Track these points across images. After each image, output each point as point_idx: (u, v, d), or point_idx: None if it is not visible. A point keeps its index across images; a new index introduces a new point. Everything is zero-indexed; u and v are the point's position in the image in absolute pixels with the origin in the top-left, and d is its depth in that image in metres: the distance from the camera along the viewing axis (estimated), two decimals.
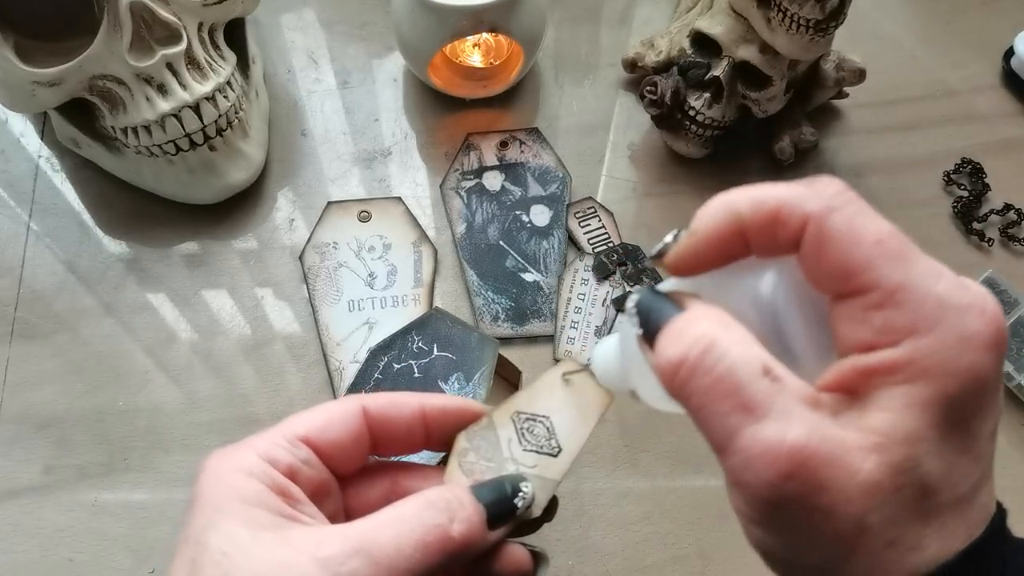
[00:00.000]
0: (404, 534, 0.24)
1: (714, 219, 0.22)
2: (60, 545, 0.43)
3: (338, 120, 0.56)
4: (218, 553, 0.23)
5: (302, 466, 0.26)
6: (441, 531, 0.24)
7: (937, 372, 0.19)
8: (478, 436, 0.29)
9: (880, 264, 0.19)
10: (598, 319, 0.49)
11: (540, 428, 0.30)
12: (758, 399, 0.19)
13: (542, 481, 0.28)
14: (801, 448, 0.18)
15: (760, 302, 0.22)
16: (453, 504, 0.25)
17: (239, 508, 0.24)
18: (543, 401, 0.30)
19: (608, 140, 0.56)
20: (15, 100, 0.47)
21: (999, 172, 0.55)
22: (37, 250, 0.51)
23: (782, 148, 0.54)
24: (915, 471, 0.19)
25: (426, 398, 0.29)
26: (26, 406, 0.47)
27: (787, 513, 0.19)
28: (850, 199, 0.20)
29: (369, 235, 0.51)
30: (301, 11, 0.60)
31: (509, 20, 0.49)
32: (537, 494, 0.28)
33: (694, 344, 0.20)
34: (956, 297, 0.19)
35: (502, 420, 0.30)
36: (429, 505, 0.25)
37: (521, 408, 0.30)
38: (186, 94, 0.46)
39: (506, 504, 0.27)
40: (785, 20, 0.45)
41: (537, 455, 0.29)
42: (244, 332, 0.49)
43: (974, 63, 0.60)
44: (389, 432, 0.28)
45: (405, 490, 0.29)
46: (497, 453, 0.29)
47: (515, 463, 0.29)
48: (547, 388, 0.30)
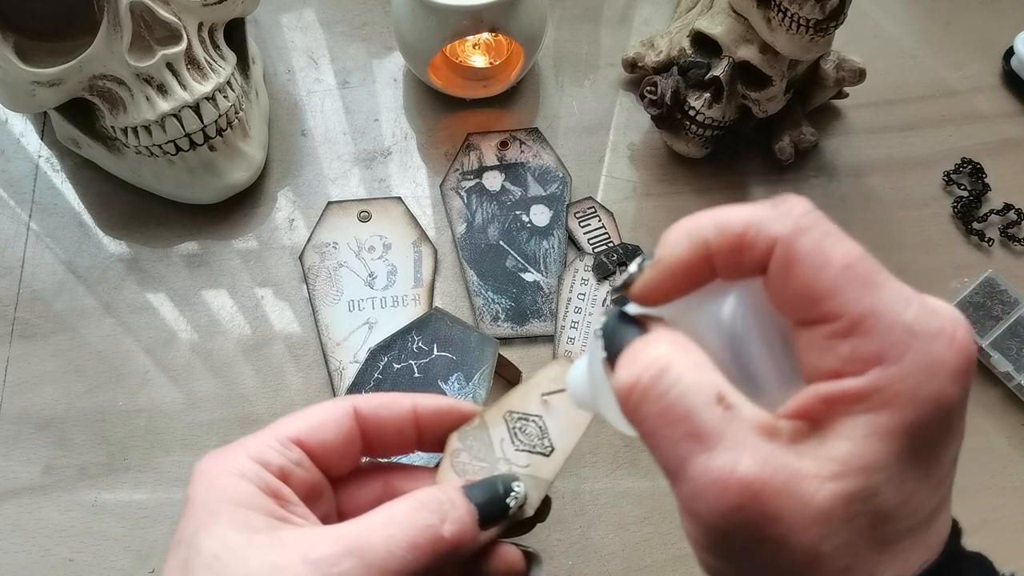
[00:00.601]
0: (395, 535, 0.24)
1: (679, 246, 0.21)
2: (60, 545, 0.43)
3: (338, 120, 0.56)
4: (210, 556, 0.23)
5: (294, 468, 0.26)
6: (432, 531, 0.24)
7: (901, 401, 0.18)
8: (471, 436, 0.29)
9: (847, 290, 0.19)
10: (598, 319, 0.49)
11: (533, 428, 0.29)
12: (709, 427, 0.19)
13: (535, 481, 0.28)
14: (752, 480, 0.18)
15: (722, 327, 0.21)
16: (445, 505, 0.26)
17: (231, 510, 0.24)
18: (535, 401, 0.30)
19: (608, 140, 0.56)
20: (15, 100, 0.47)
21: (999, 172, 0.55)
22: (37, 250, 0.51)
23: (782, 148, 0.54)
24: (871, 500, 0.18)
25: (418, 398, 0.29)
26: (26, 406, 0.47)
27: (738, 542, 0.19)
28: (818, 220, 0.20)
29: (369, 235, 0.51)
30: (301, 11, 0.60)
31: (509, 20, 0.49)
32: (530, 494, 0.28)
33: (647, 368, 0.20)
34: (924, 324, 0.19)
35: (495, 420, 0.29)
36: (421, 506, 0.25)
37: (514, 408, 0.30)
38: (186, 94, 0.46)
39: (498, 504, 0.27)
40: (785, 20, 0.45)
41: (530, 455, 0.29)
42: (244, 332, 0.49)
43: (974, 63, 0.60)
44: (381, 433, 0.28)
45: (397, 491, 0.29)
46: (490, 453, 0.29)
47: (508, 463, 0.29)
48: (541, 387, 0.30)
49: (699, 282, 0.22)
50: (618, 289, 0.23)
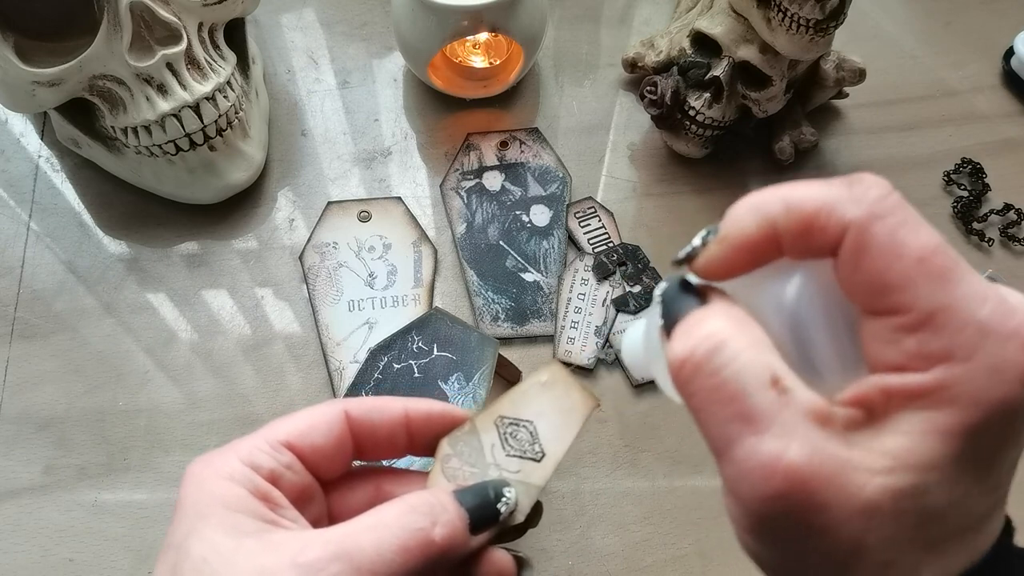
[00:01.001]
0: (385, 539, 0.24)
1: (746, 223, 0.20)
2: (60, 545, 0.43)
3: (338, 120, 0.56)
4: (199, 560, 0.23)
5: (284, 471, 0.26)
6: (423, 535, 0.24)
7: (965, 402, 0.18)
8: (461, 441, 0.29)
9: (920, 284, 0.18)
10: (598, 319, 0.49)
11: (523, 433, 0.29)
12: (760, 410, 0.18)
13: (525, 487, 0.28)
14: (799, 468, 0.18)
15: (784, 306, 0.21)
16: (435, 508, 0.25)
17: (221, 514, 0.24)
18: (527, 406, 0.30)
19: (608, 140, 0.56)
20: (15, 100, 0.47)
21: (999, 172, 0.55)
22: (37, 250, 0.51)
23: (782, 148, 0.54)
24: (921, 498, 0.18)
25: (410, 403, 0.29)
26: (26, 406, 0.47)
27: (781, 529, 0.19)
28: (895, 205, 0.19)
29: (369, 235, 0.51)
30: (301, 11, 0.60)
31: (509, 20, 0.49)
32: (520, 499, 0.28)
33: (703, 341, 0.19)
34: (999, 323, 0.18)
35: (485, 425, 0.29)
36: (411, 509, 0.25)
37: (504, 413, 0.29)
38: (186, 94, 0.46)
39: (489, 509, 0.27)
40: (785, 20, 0.45)
41: (520, 460, 0.29)
42: (244, 332, 0.49)
43: (974, 63, 0.60)
44: (372, 437, 0.28)
45: (389, 495, 0.29)
46: (480, 458, 0.29)
47: (498, 468, 0.29)
48: (532, 392, 0.30)
49: (765, 260, 0.21)
50: (680, 261, 0.22)
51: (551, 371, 0.30)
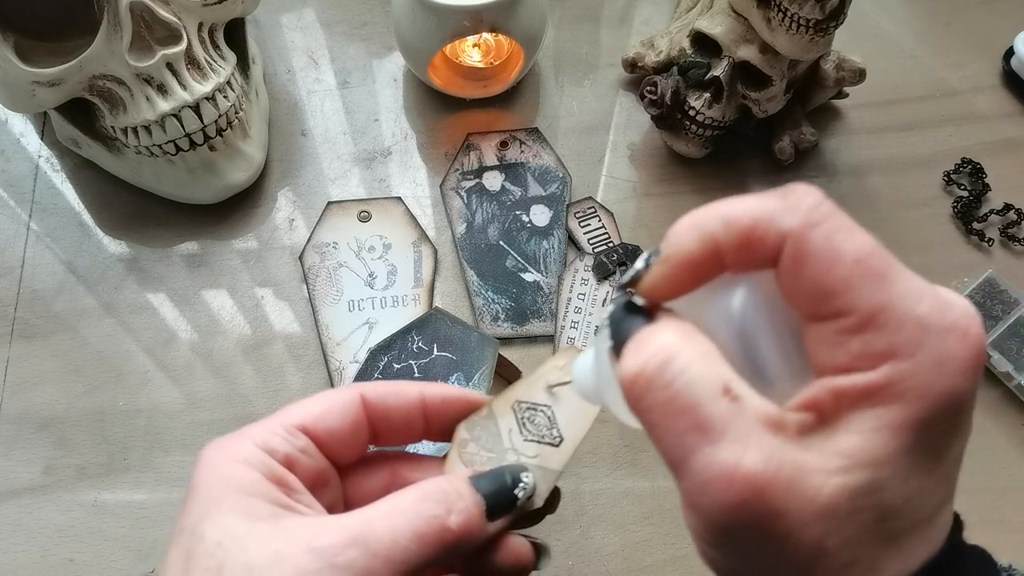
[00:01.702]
0: (400, 525, 0.24)
1: (687, 242, 0.21)
2: (60, 545, 0.43)
3: (338, 120, 0.56)
4: (213, 544, 0.23)
5: (300, 455, 0.26)
6: (438, 522, 0.24)
7: (912, 396, 0.18)
8: (478, 426, 0.29)
9: (859, 285, 0.18)
10: (598, 319, 0.49)
11: (541, 417, 0.29)
12: (714, 419, 0.18)
13: (543, 471, 0.28)
14: (757, 475, 0.18)
15: (731, 319, 0.21)
16: (451, 495, 0.25)
17: (235, 498, 0.23)
18: (544, 391, 0.29)
19: (608, 140, 0.56)
20: (15, 100, 0.47)
21: (999, 172, 0.55)
22: (37, 250, 0.51)
23: (782, 148, 0.54)
24: (877, 494, 0.18)
25: (426, 387, 0.29)
26: (26, 406, 0.47)
27: (741, 537, 0.19)
28: (829, 212, 0.19)
29: (369, 235, 0.51)
30: (301, 11, 0.60)
31: (509, 20, 0.49)
32: (538, 484, 0.27)
33: (653, 356, 0.20)
34: (938, 319, 0.18)
35: (503, 410, 0.29)
36: (426, 496, 0.25)
37: (522, 397, 0.29)
38: (186, 94, 0.46)
39: (506, 495, 0.26)
40: (785, 20, 0.45)
41: (538, 445, 0.28)
42: (244, 332, 0.49)
43: (974, 63, 0.60)
44: (388, 421, 0.28)
45: (405, 480, 0.29)
46: (498, 443, 0.28)
47: (516, 453, 0.28)
48: (549, 377, 0.30)
49: (708, 277, 0.21)
50: (624, 286, 0.22)
51: (568, 356, 0.29)
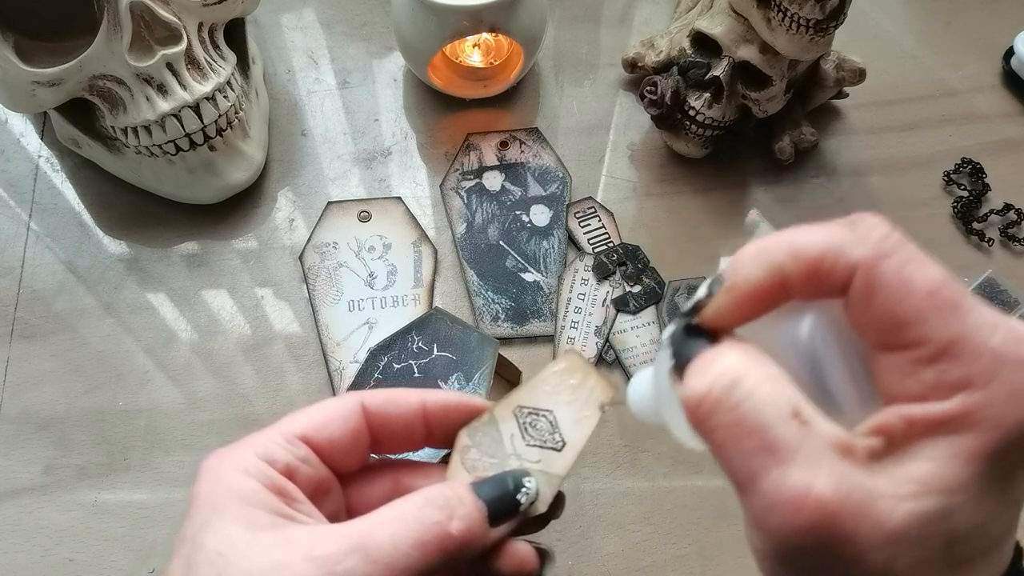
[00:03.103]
0: (402, 532, 0.24)
1: (753, 272, 0.21)
2: (60, 545, 0.43)
3: (338, 120, 0.56)
4: (213, 553, 0.23)
5: (300, 465, 0.26)
6: (439, 529, 0.24)
7: (987, 426, 0.18)
8: (480, 432, 0.29)
9: (932, 317, 0.19)
10: (598, 319, 0.49)
11: (543, 422, 0.29)
12: (783, 442, 0.18)
13: (546, 476, 0.28)
14: (828, 499, 0.18)
15: (799, 345, 0.21)
16: (452, 501, 0.25)
17: (236, 508, 0.24)
18: (546, 396, 0.29)
19: (608, 140, 0.56)
20: (15, 100, 0.47)
21: (999, 172, 0.55)
22: (37, 250, 0.51)
23: (782, 148, 0.54)
24: (947, 520, 0.18)
25: (427, 394, 0.29)
26: (26, 406, 0.47)
27: (810, 560, 0.19)
28: (899, 243, 0.19)
29: (369, 235, 0.51)
30: (301, 11, 0.60)
31: (509, 20, 0.49)
32: (542, 489, 0.27)
33: (719, 377, 0.20)
34: (1012, 350, 0.19)
35: (504, 415, 0.29)
36: (428, 503, 0.25)
37: (523, 402, 0.29)
38: (186, 94, 0.46)
39: (508, 500, 0.26)
40: (785, 20, 0.45)
41: (541, 450, 0.28)
42: (244, 332, 0.49)
43: (974, 63, 0.60)
44: (389, 429, 0.28)
45: (407, 488, 0.29)
46: (500, 449, 0.28)
47: (518, 458, 0.28)
48: (550, 381, 0.30)
49: (773, 306, 0.21)
50: (687, 314, 0.22)
51: (568, 359, 0.29)
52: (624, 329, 0.49)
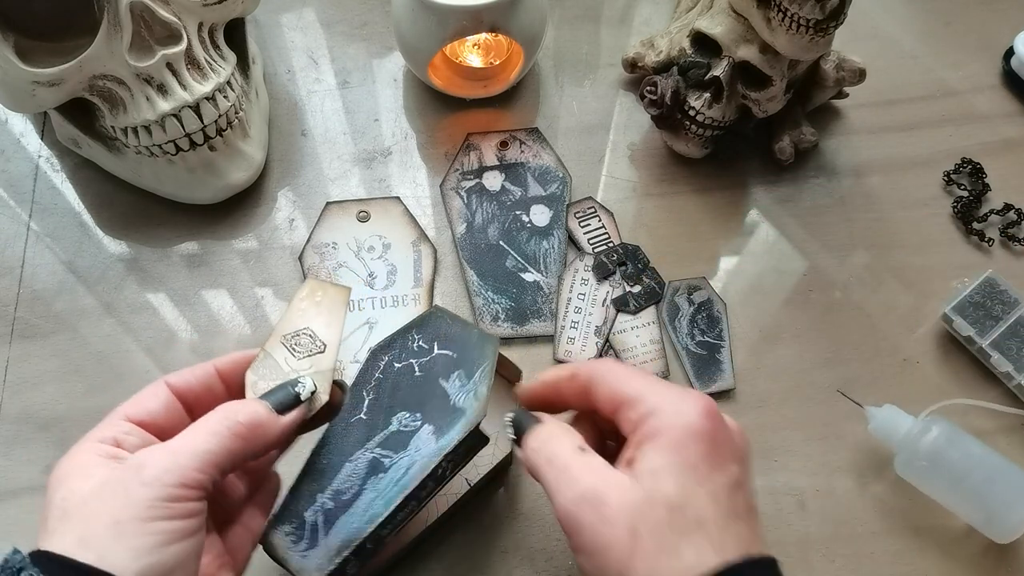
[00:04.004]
0: (197, 430, 0.31)
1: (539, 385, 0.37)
2: None
3: (338, 120, 0.56)
4: (59, 499, 0.29)
5: (125, 437, 0.32)
6: (229, 420, 0.31)
7: (665, 429, 0.31)
8: (260, 366, 0.35)
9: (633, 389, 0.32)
10: (598, 319, 0.49)
11: (304, 339, 0.36)
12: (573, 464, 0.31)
13: (320, 374, 0.35)
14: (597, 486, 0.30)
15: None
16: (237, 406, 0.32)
17: (76, 471, 0.30)
18: (300, 318, 0.37)
19: (608, 140, 0.56)
20: (15, 100, 0.47)
21: (999, 172, 0.55)
22: (37, 250, 0.51)
23: (782, 148, 0.54)
24: (662, 491, 0.29)
25: (217, 360, 0.35)
26: (26, 406, 0.47)
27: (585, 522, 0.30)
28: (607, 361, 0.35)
29: (368, 235, 0.51)
30: (301, 11, 0.60)
31: (509, 20, 0.49)
32: (319, 384, 0.35)
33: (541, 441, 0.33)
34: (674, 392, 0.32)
35: (274, 347, 0.36)
36: (220, 411, 0.32)
37: (285, 331, 0.36)
38: (186, 94, 0.46)
39: (286, 394, 0.34)
40: (785, 20, 0.45)
41: (310, 358, 0.36)
42: (244, 332, 0.49)
43: (974, 63, 0.60)
44: (194, 393, 0.34)
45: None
46: (279, 372, 0.35)
47: (295, 372, 0.35)
48: (299, 307, 0.37)
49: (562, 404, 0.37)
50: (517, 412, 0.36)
51: (308, 285, 0.38)
52: (624, 329, 0.49)
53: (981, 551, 0.44)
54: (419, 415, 0.36)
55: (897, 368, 0.49)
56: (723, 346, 0.49)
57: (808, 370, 0.49)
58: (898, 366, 0.49)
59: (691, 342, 0.49)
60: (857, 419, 0.46)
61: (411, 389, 0.36)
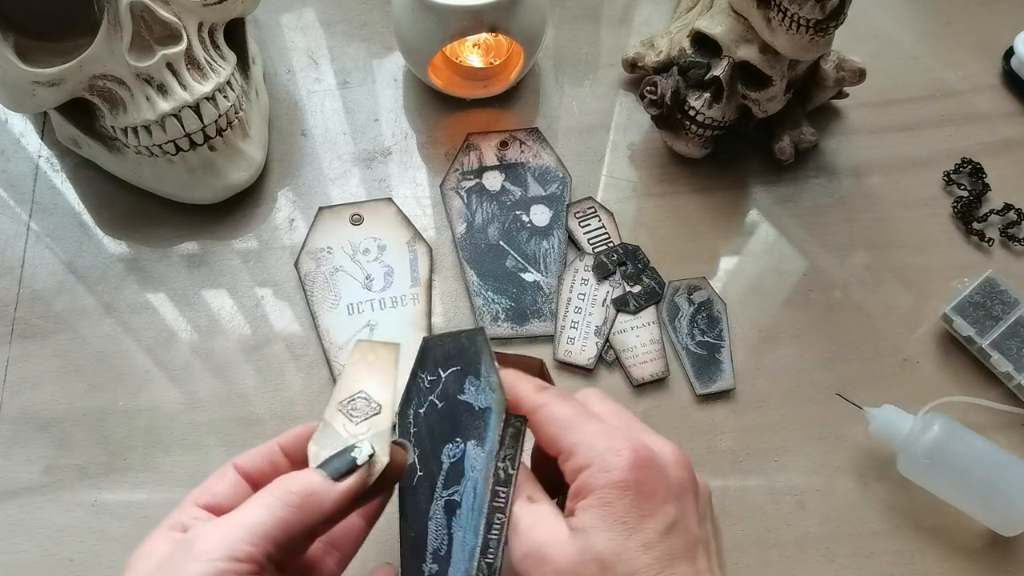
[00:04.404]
0: (251, 503, 0.31)
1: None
2: (60, 545, 0.43)
3: (338, 120, 0.56)
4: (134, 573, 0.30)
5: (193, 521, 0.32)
6: (281, 490, 0.31)
7: (594, 487, 0.31)
8: (321, 436, 0.34)
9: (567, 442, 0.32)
10: (598, 319, 0.49)
11: (360, 402, 0.36)
12: (522, 512, 0.33)
13: (379, 435, 0.34)
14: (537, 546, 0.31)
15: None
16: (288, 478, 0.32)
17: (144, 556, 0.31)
18: (353, 382, 0.36)
19: (608, 140, 0.56)
20: (15, 100, 0.47)
21: (999, 172, 0.55)
22: (37, 250, 0.51)
23: (782, 148, 0.54)
24: (593, 549, 0.30)
25: (280, 437, 0.36)
26: (26, 406, 0.47)
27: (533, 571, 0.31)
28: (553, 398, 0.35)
29: (363, 238, 0.51)
30: (301, 11, 0.60)
31: (509, 20, 0.49)
32: (377, 447, 0.34)
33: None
34: (602, 443, 0.32)
35: (332, 415, 0.35)
36: (277, 482, 0.32)
37: (340, 397, 0.35)
38: (186, 94, 0.46)
39: (344, 460, 0.33)
40: (785, 20, 0.45)
41: (366, 421, 0.35)
42: (244, 332, 0.49)
43: (974, 63, 0.60)
44: (260, 472, 0.34)
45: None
46: (339, 440, 0.34)
47: (354, 438, 0.34)
48: (351, 371, 0.36)
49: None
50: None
51: (358, 349, 0.37)
52: (624, 329, 0.49)
53: (981, 551, 0.44)
54: (458, 439, 0.36)
55: (897, 368, 0.49)
56: (723, 346, 0.49)
57: (808, 370, 0.49)
58: (898, 366, 0.49)
59: (691, 342, 0.49)
60: (857, 419, 0.46)
61: (442, 423, 0.37)
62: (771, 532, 0.45)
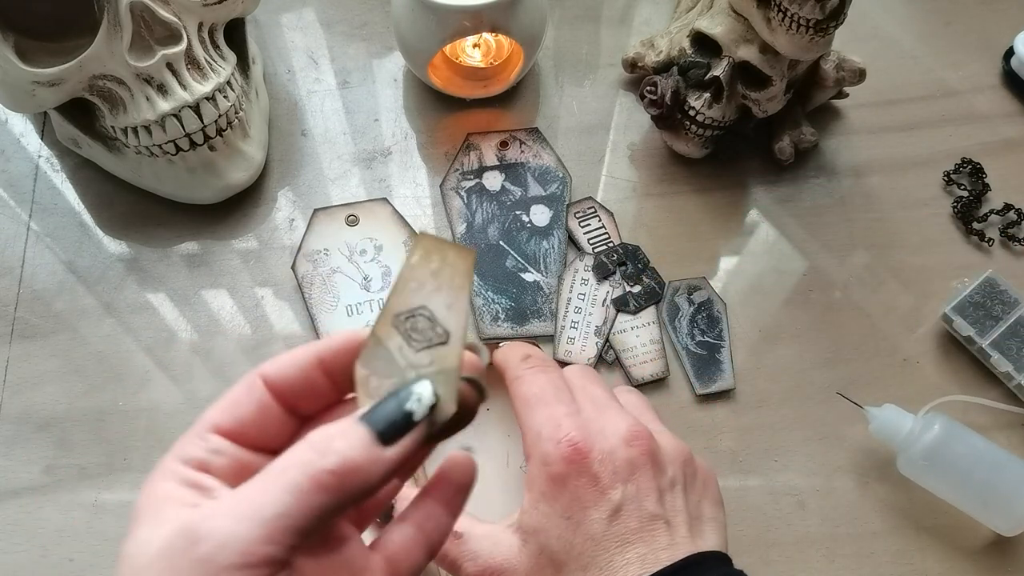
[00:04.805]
0: (271, 482, 0.23)
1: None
2: (60, 545, 0.43)
3: (338, 120, 0.56)
4: (127, 556, 0.24)
5: (212, 456, 0.26)
6: (313, 468, 0.23)
7: (535, 481, 0.32)
8: (371, 357, 0.27)
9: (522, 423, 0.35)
10: (598, 319, 0.49)
11: (422, 321, 0.27)
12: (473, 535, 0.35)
13: (443, 375, 0.26)
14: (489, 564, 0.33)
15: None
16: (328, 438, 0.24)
17: (150, 513, 0.24)
18: (414, 293, 0.27)
19: (608, 140, 0.56)
20: (15, 100, 0.47)
21: (999, 172, 0.55)
22: (37, 250, 0.51)
23: (782, 148, 0.54)
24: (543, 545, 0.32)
25: (320, 344, 0.27)
26: (26, 406, 0.47)
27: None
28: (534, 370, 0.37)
29: (359, 239, 0.51)
30: (301, 11, 0.60)
31: (509, 20, 0.49)
32: (440, 390, 0.26)
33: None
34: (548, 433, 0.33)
35: (386, 331, 0.27)
36: (308, 447, 0.24)
37: (397, 309, 0.27)
38: (186, 94, 0.46)
39: (397, 416, 0.25)
40: (785, 20, 0.45)
41: (429, 350, 0.26)
42: (244, 332, 0.49)
43: (974, 63, 0.60)
44: (294, 392, 0.27)
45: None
46: (394, 366, 0.26)
47: (413, 368, 0.26)
48: (412, 274, 0.27)
49: None
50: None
51: (422, 245, 0.27)
52: (624, 329, 0.49)
53: (981, 551, 0.44)
54: None
55: (897, 368, 0.49)
56: (723, 346, 0.49)
57: (808, 370, 0.49)
58: (898, 366, 0.49)
59: (691, 342, 0.49)
60: (857, 419, 0.46)
61: None
62: (771, 532, 0.45)
